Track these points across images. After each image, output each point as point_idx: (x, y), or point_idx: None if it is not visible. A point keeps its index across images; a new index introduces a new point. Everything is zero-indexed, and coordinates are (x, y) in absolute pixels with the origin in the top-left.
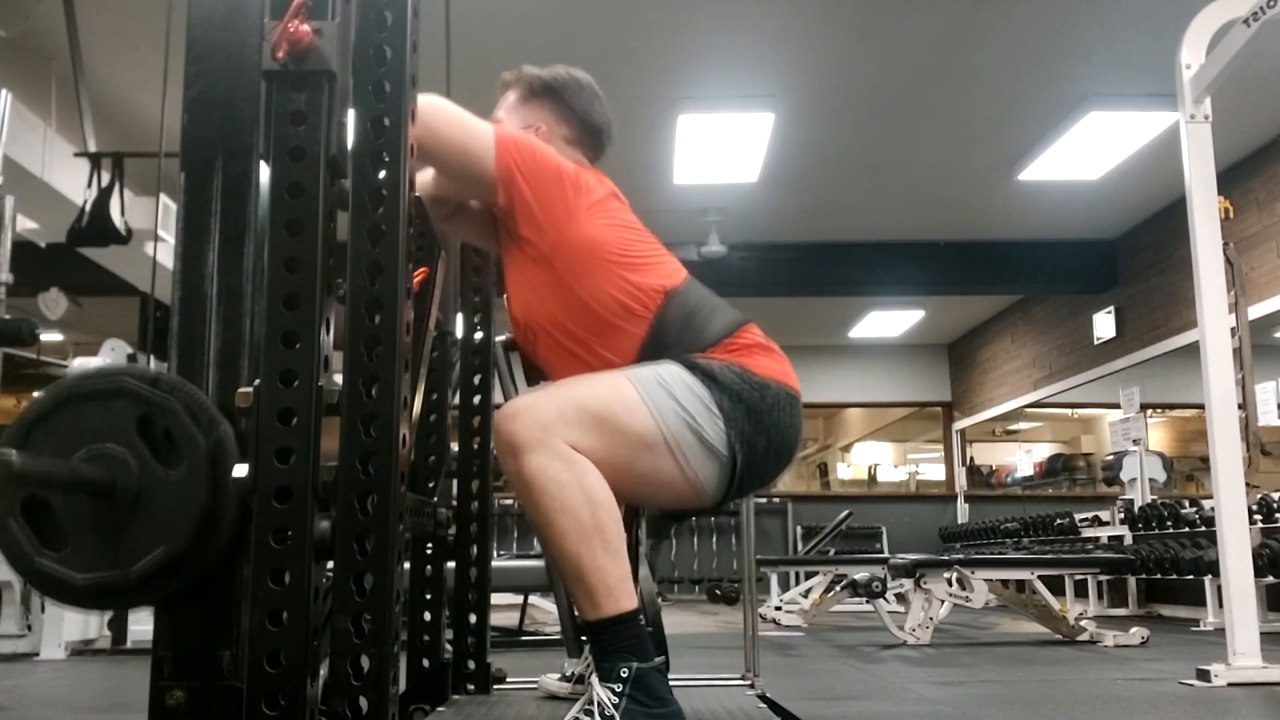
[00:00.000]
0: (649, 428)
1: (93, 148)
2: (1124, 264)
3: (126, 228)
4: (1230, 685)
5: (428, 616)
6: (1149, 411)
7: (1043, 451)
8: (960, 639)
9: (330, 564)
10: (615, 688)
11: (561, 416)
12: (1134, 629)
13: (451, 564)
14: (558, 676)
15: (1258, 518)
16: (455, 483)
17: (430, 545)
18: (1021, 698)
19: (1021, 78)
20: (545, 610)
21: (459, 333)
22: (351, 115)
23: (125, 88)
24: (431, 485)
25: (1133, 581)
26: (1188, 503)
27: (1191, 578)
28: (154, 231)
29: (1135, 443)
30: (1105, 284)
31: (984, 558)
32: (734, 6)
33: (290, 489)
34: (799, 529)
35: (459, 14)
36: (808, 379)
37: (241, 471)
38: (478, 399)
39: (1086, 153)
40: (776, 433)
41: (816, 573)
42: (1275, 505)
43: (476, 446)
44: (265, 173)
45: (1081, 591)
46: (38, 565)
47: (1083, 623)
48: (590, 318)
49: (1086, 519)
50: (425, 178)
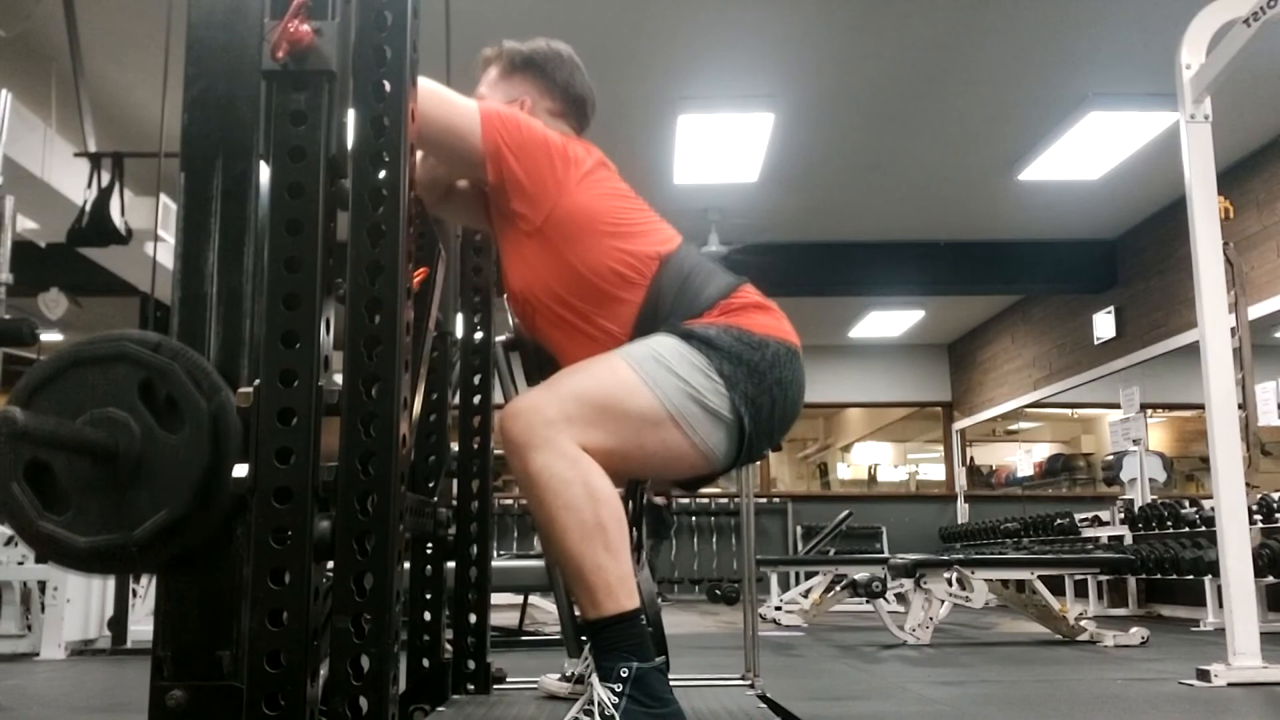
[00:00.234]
0: (652, 406)
1: (93, 148)
2: (1124, 264)
3: (126, 228)
4: (1230, 685)
5: (428, 616)
6: (1149, 411)
7: (1043, 451)
8: (960, 639)
9: (330, 564)
10: (615, 687)
11: (565, 413)
12: (1134, 629)
13: (451, 564)
14: (558, 676)
15: (1258, 518)
16: (455, 483)
17: (430, 545)
18: (1021, 698)
19: (1021, 78)
20: (545, 610)
21: (459, 333)
22: (351, 115)
23: (125, 88)
24: (431, 485)
25: (1133, 581)
26: (1188, 503)
27: (1191, 578)
28: (154, 231)
29: (1135, 443)
30: (1105, 284)
31: (984, 558)
32: (734, 6)
33: (290, 489)
34: (799, 529)
35: (459, 14)
36: (808, 379)
37: (241, 471)
38: (478, 399)
39: (1086, 153)
40: (780, 389)
41: (816, 573)
42: (1275, 505)
43: (476, 446)
44: (265, 173)
45: (1081, 591)
46: (40, 528)
47: (1083, 623)
48: (587, 288)
49: (1086, 519)
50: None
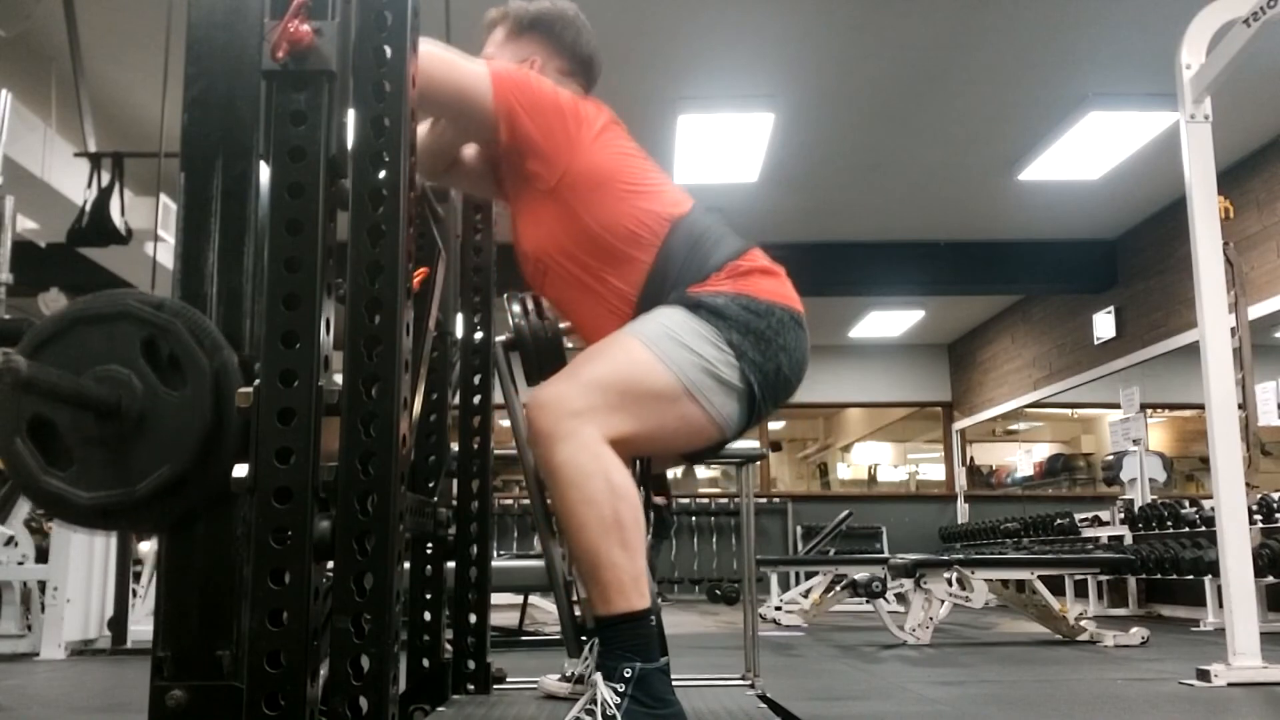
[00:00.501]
0: (671, 384)
1: (93, 148)
2: (1124, 264)
3: (126, 228)
4: (1230, 685)
5: (428, 616)
6: (1149, 411)
7: (1043, 451)
8: (960, 639)
9: (330, 564)
10: (618, 687)
11: (590, 404)
12: (1134, 629)
13: (451, 564)
14: (558, 676)
15: (1258, 518)
16: (455, 483)
17: (430, 545)
18: (1021, 698)
19: (1021, 78)
20: (545, 610)
21: (459, 333)
22: (351, 115)
23: (125, 88)
24: (431, 485)
25: (1133, 581)
26: (1188, 503)
27: (1191, 578)
28: (154, 231)
29: (1135, 443)
30: (1105, 284)
31: (984, 558)
32: (734, 6)
33: (290, 489)
34: (799, 529)
35: (459, 14)
36: (808, 379)
37: (242, 471)
38: (478, 399)
39: (1086, 153)
40: (786, 355)
41: (816, 573)
42: (1275, 505)
43: (476, 446)
44: (265, 173)
45: (1081, 591)
46: (43, 485)
47: (1083, 623)
48: (600, 247)
49: (1086, 519)
50: (420, 131)
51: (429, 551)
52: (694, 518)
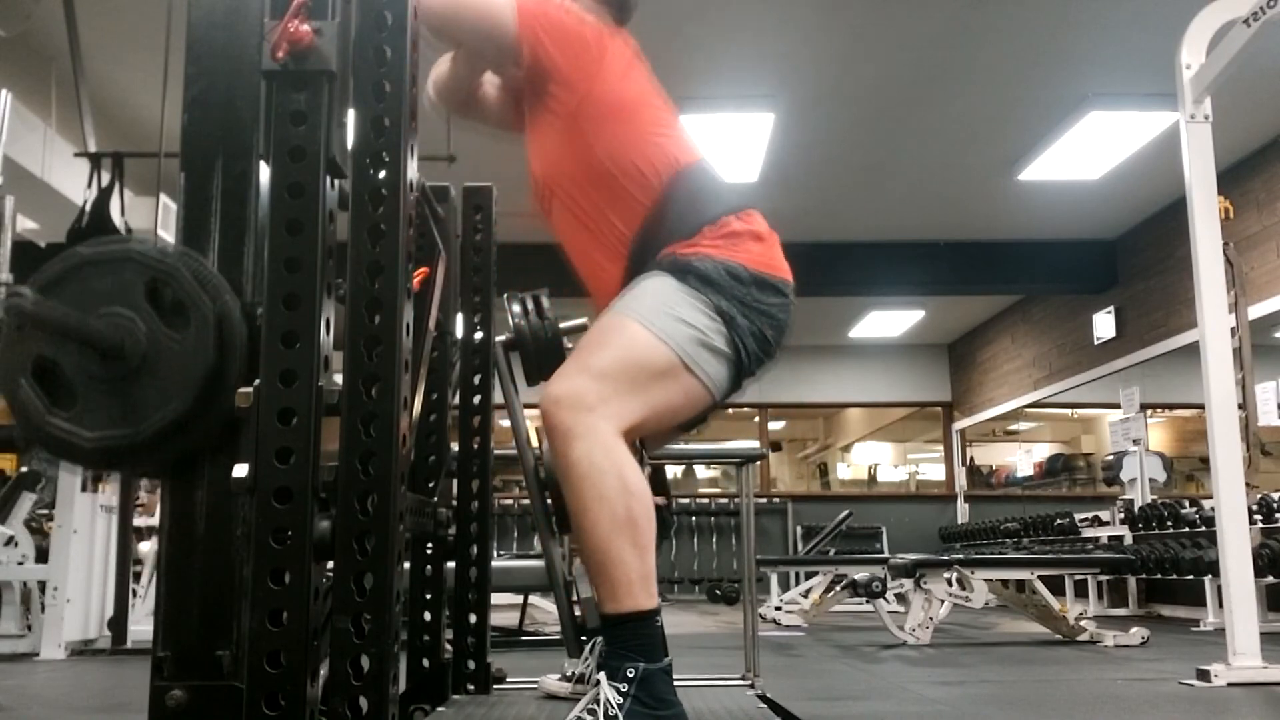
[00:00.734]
0: (671, 360)
1: (93, 148)
2: (1124, 264)
3: (126, 228)
4: (1230, 685)
5: (428, 616)
6: (1149, 411)
7: (1043, 451)
8: (960, 639)
9: (330, 564)
10: (621, 687)
11: (603, 398)
12: (1134, 629)
13: (451, 564)
14: (558, 676)
15: (1258, 518)
16: (455, 483)
17: (430, 545)
18: (1021, 698)
19: (1021, 78)
20: (545, 610)
21: (459, 333)
22: (352, 115)
23: (125, 88)
24: (431, 485)
25: (1133, 581)
26: (1188, 503)
27: (1191, 578)
28: (154, 231)
29: (1135, 443)
30: (1105, 284)
31: (984, 558)
32: (734, 6)
33: (290, 489)
34: (799, 529)
35: None
36: (808, 379)
37: (242, 472)
38: (478, 399)
39: (1086, 153)
40: (769, 320)
41: (816, 573)
42: (1275, 505)
43: (476, 446)
44: (265, 173)
45: (1081, 591)
46: (48, 426)
47: (1083, 623)
48: (604, 179)
49: (1086, 519)
50: (440, 69)
51: (429, 551)
52: (694, 518)
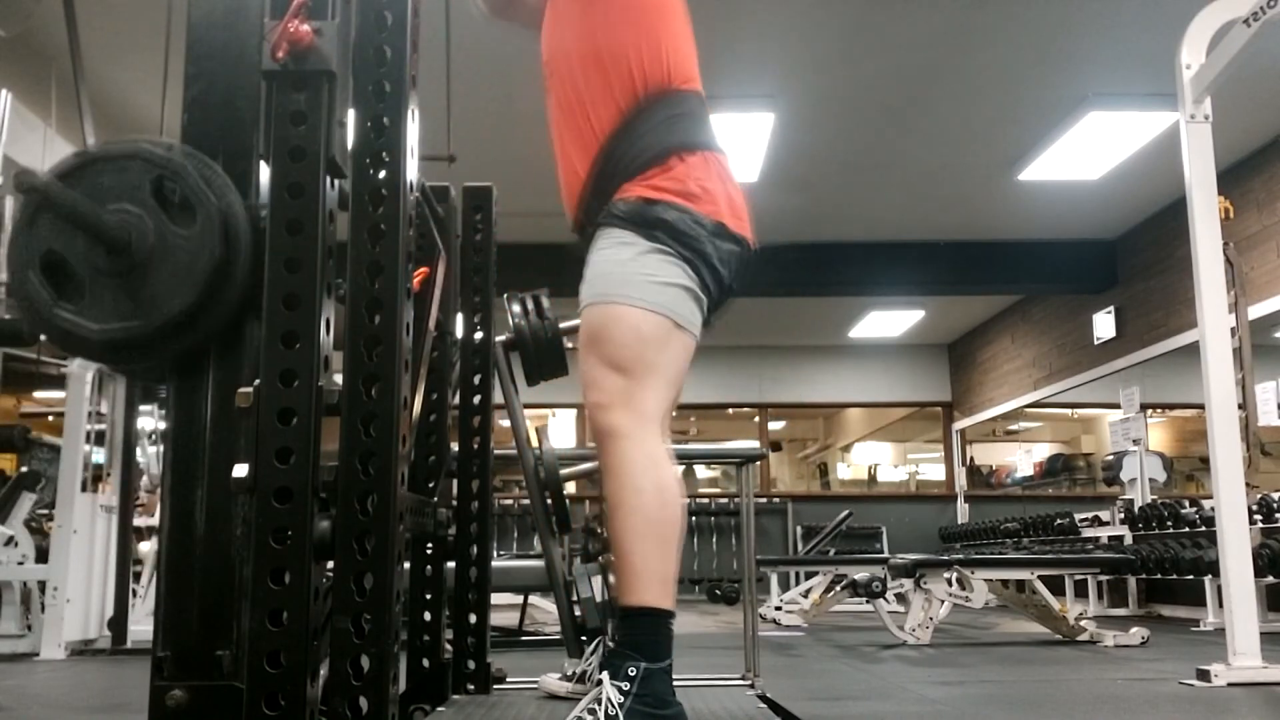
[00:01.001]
0: (667, 325)
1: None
2: (1124, 264)
3: None
4: (1230, 685)
5: (428, 616)
6: (1149, 411)
7: (1043, 451)
8: (960, 639)
9: (330, 564)
10: (623, 686)
11: (632, 392)
12: (1134, 629)
13: (451, 564)
14: (558, 676)
15: (1258, 518)
16: (455, 483)
17: (430, 545)
18: (1021, 698)
19: (1021, 78)
20: (545, 610)
21: (459, 333)
22: (352, 115)
23: (125, 88)
24: (431, 485)
25: (1133, 581)
26: (1188, 503)
27: (1191, 578)
28: None
29: (1135, 443)
30: (1105, 284)
31: (984, 558)
32: (734, 6)
33: (290, 489)
34: (799, 529)
35: (458, 14)
36: (808, 379)
37: (242, 471)
38: (478, 399)
39: (1086, 153)
40: (726, 267)
41: (816, 573)
42: (1275, 505)
43: (476, 446)
44: (265, 173)
45: (1081, 591)
46: (54, 318)
47: (1083, 623)
48: (595, 68)
49: (1086, 519)
50: None
51: (429, 551)
52: (694, 518)
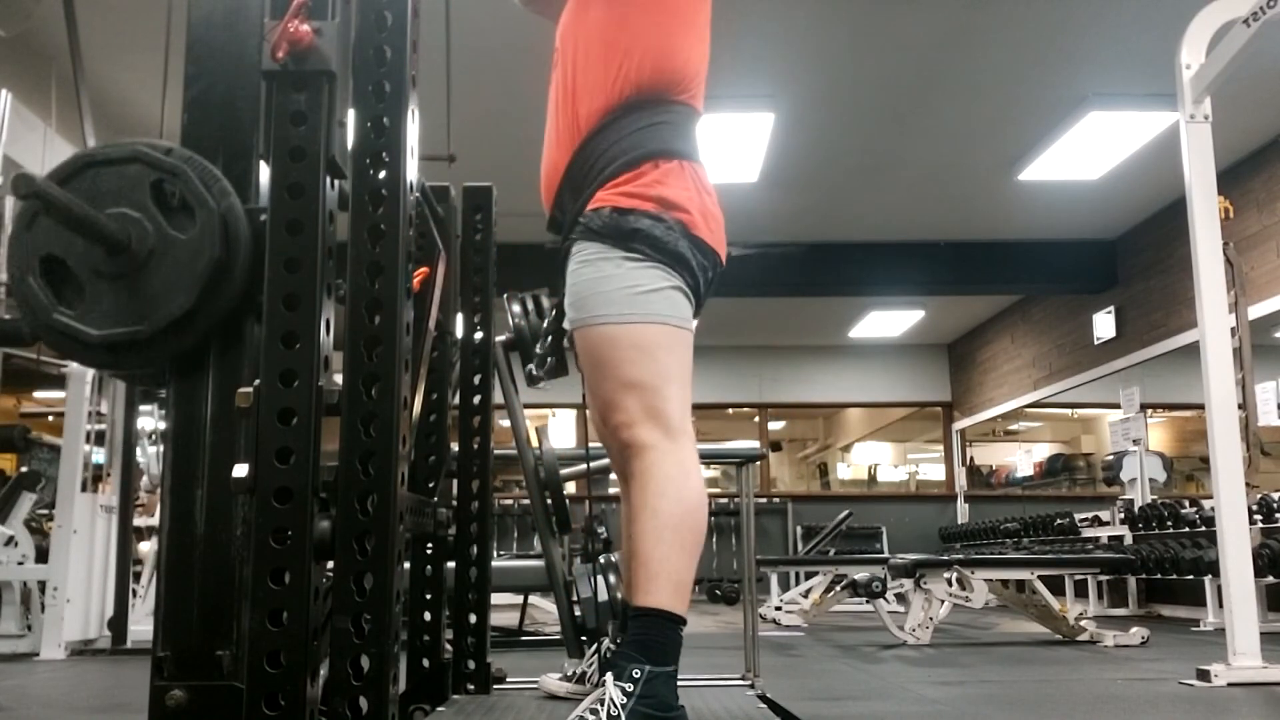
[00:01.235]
0: (666, 330)
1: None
2: (1124, 264)
3: None
4: (1230, 685)
5: (428, 616)
6: (1149, 411)
7: (1043, 451)
8: (960, 639)
9: (330, 564)
10: (626, 687)
11: (665, 406)
12: (1134, 629)
13: (451, 564)
14: (558, 676)
15: (1258, 518)
16: (455, 483)
17: (430, 545)
18: (1021, 698)
19: (1021, 78)
20: (545, 610)
21: (459, 333)
22: (352, 115)
23: (125, 88)
24: (431, 485)
25: (1133, 581)
26: (1188, 503)
27: (1191, 578)
28: None
29: (1135, 443)
30: (1105, 284)
31: (984, 558)
32: (734, 6)
33: (290, 489)
34: (799, 529)
35: (459, 13)
36: (808, 379)
37: (242, 471)
38: (478, 399)
39: (1086, 153)
40: (703, 274)
41: (816, 573)
42: (1275, 505)
43: (476, 446)
44: (265, 173)
45: (1081, 591)
46: (54, 321)
47: (1083, 623)
48: (599, 62)
49: (1086, 519)
50: None
51: (429, 551)
52: None
